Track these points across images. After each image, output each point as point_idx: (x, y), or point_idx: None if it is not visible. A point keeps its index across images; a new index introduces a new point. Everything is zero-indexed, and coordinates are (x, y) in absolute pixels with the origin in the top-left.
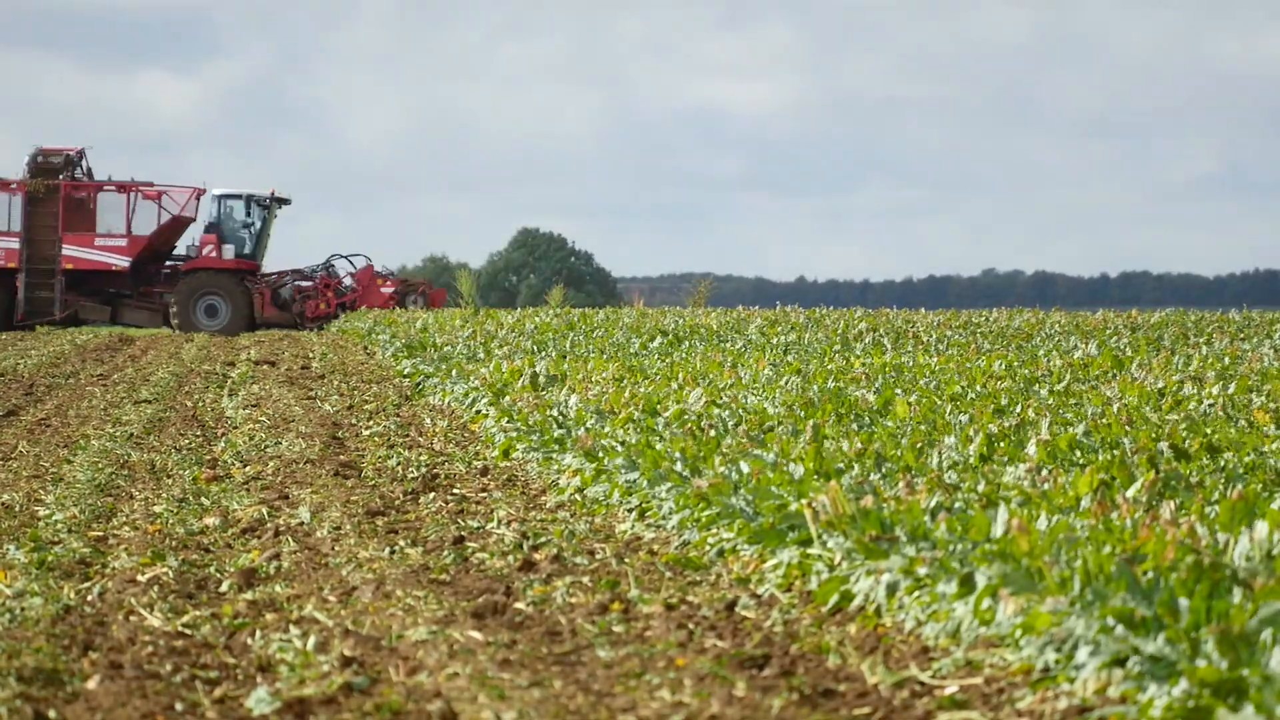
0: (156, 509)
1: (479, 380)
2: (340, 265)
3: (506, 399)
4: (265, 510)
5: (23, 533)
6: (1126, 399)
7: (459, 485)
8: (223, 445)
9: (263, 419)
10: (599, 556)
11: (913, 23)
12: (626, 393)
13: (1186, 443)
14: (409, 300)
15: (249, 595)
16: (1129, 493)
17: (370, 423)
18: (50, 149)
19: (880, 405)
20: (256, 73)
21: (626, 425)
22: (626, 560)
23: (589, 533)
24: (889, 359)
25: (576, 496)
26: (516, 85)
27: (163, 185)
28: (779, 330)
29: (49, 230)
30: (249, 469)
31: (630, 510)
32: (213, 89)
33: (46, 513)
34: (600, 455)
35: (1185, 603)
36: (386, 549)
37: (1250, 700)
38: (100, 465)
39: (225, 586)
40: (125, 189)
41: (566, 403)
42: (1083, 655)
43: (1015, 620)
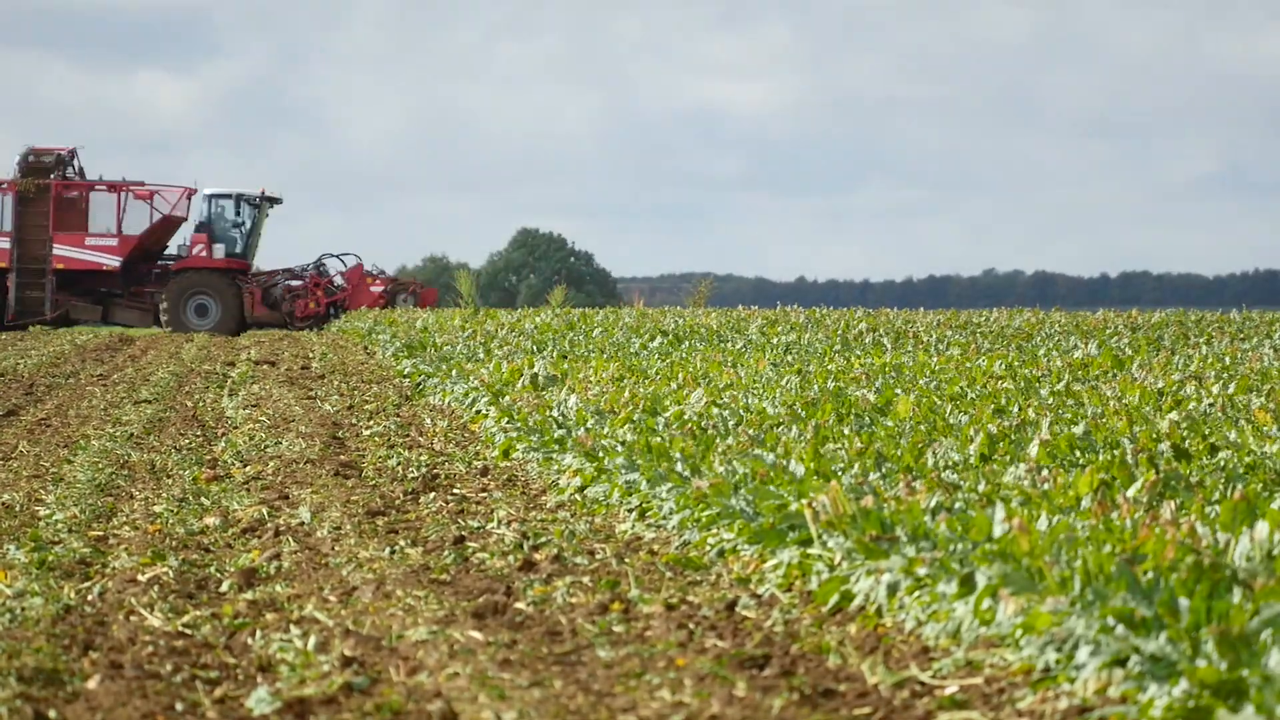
0: (157, 509)
1: (479, 380)
2: (331, 264)
3: (506, 399)
4: (265, 510)
5: (23, 533)
6: (1127, 399)
7: (459, 485)
8: (223, 445)
9: (263, 419)
10: (599, 556)
11: (912, 23)
12: (626, 393)
13: (1186, 443)
14: (399, 300)
15: (249, 595)
16: (1129, 493)
17: (370, 423)
18: (41, 149)
19: (880, 405)
20: (256, 73)
21: (626, 425)
22: (627, 560)
23: (589, 533)
24: (889, 359)
25: (577, 496)
26: (516, 85)
27: (154, 185)
28: (779, 330)
29: (40, 230)
30: (249, 469)
31: (630, 510)
32: (212, 89)
33: (47, 513)
34: (600, 455)
35: (1185, 603)
36: (387, 549)
37: (1250, 700)
38: (100, 465)
39: (225, 586)
40: (116, 189)
41: (566, 403)
42: (1083, 655)
43: (1015, 620)
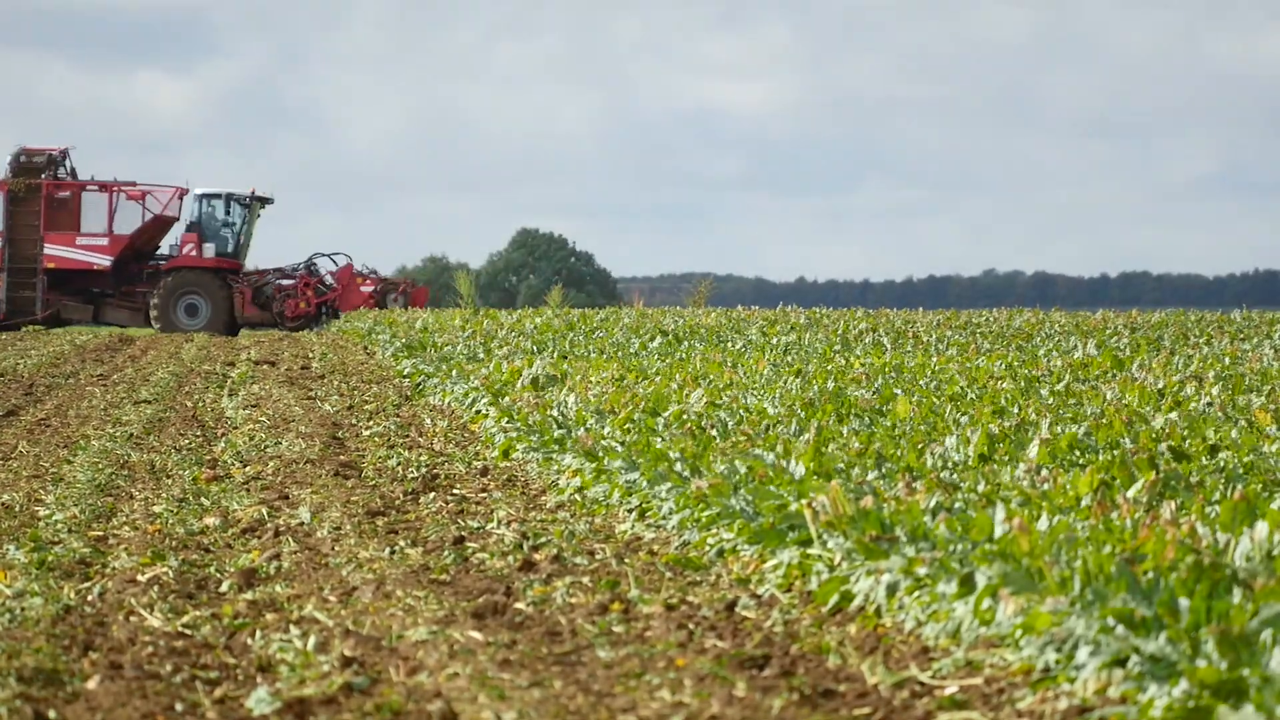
0: (156, 509)
1: (479, 380)
2: (322, 264)
3: (506, 399)
4: (265, 510)
5: (23, 533)
6: (1127, 399)
7: (459, 485)
8: (223, 445)
9: (263, 419)
10: (599, 557)
11: (912, 23)
12: (626, 393)
13: (1186, 443)
14: (389, 299)
15: (249, 595)
16: (1129, 493)
17: (370, 423)
18: (33, 148)
19: (880, 405)
20: (255, 73)
21: (626, 425)
22: (626, 560)
23: (589, 533)
24: (889, 359)
25: (576, 497)
26: (516, 85)
27: (146, 185)
28: (779, 330)
29: (31, 230)
30: (249, 469)
31: (630, 510)
32: (211, 89)
33: (46, 513)
34: (600, 455)
35: (1185, 603)
36: (386, 549)
37: (1250, 700)
38: (100, 465)
39: (225, 586)
40: (107, 188)
41: (566, 403)
42: (1083, 655)
43: (1015, 620)
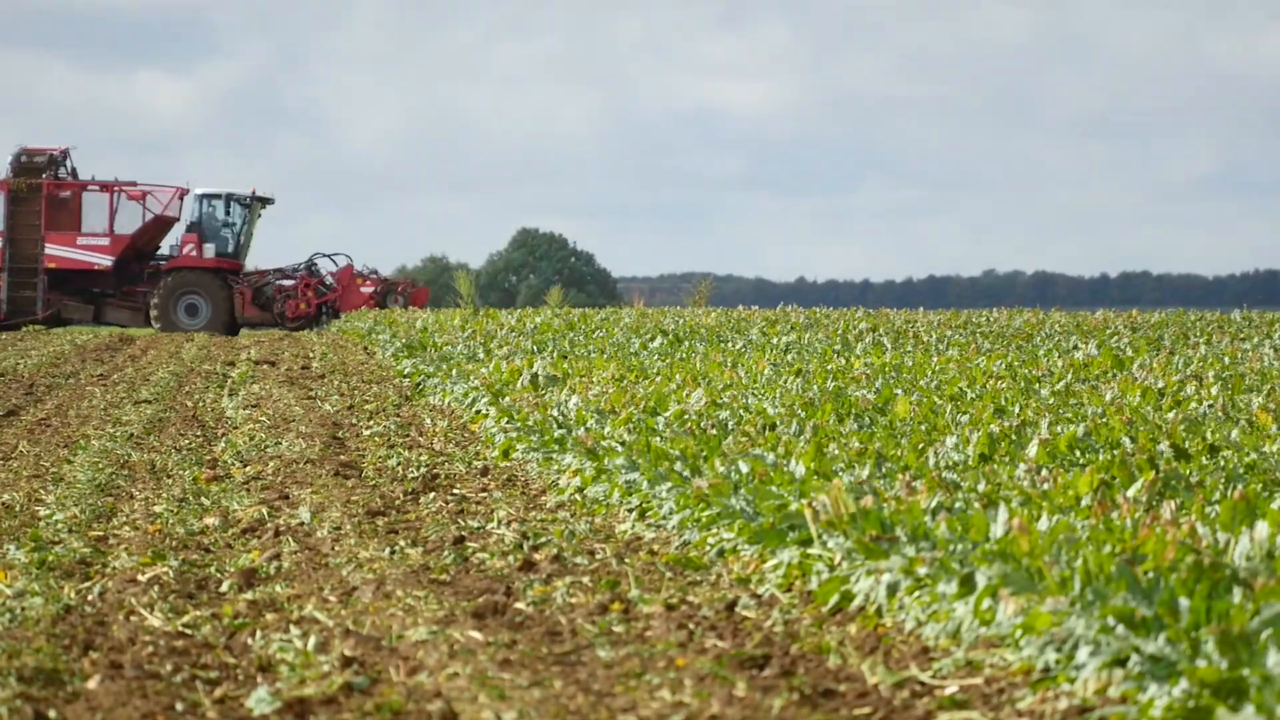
0: (157, 509)
1: (479, 380)
2: (323, 264)
3: (506, 399)
4: (265, 510)
5: (23, 533)
6: (1127, 399)
7: (459, 485)
8: (223, 445)
9: (263, 419)
10: (599, 556)
11: (912, 23)
12: (626, 393)
13: (1186, 443)
14: (389, 300)
15: (249, 595)
16: (1129, 493)
17: (370, 423)
18: (34, 148)
19: (880, 405)
20: (255, 73)
21: (626, 425)
22: (627, 560)
23: (589, 533)
24: (889, 359)
25: (576, 496)
26: (516, 85)
27: (146, 185)
28: (779, 330)
29: (32, 229)
30: (249, 469)
31: (630, 510)
32: (211, 89)
33: (47, 513)
34: (600, 455)
35: (1185, 603)
36: (387, 549)
37: (1250, 700)
38: (100, 465)
39: (225, 586)
40: (108, 188)
41: (566, 403)
42: (1083, 655)
43: (1015, 620)
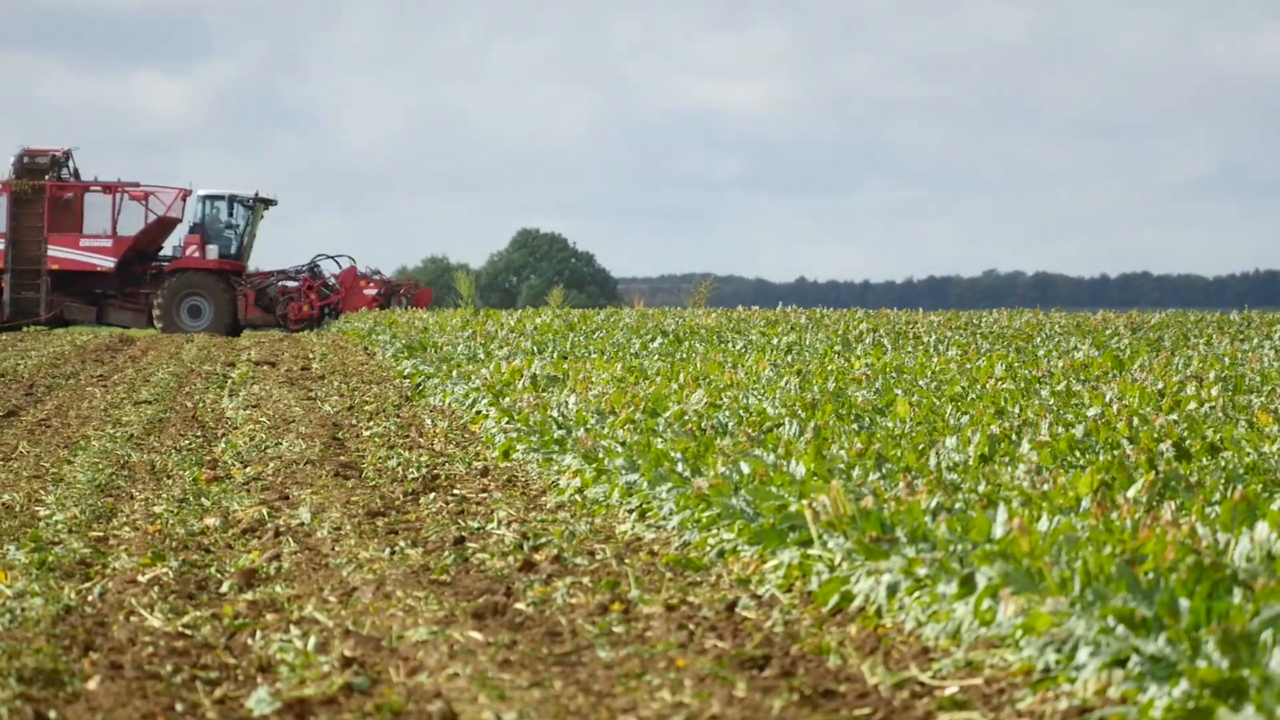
0: (157, 509)
1: (479, 381)
2: (326, 266)
3: (507, 400)
4: (265, 511)
5: (23, 533)
6: (1127, 400)
7: (459, 486)
8: (223, 446)
9: (263, 419)
10: (599, 557)
11: (912, 23)
12: (627, 393)
13: (1186, 443)
14: (394, 302)
15: (249, 596)
16: (1129, 493)
17: (370, 423)
18: (36, 149)
19: (881, 406)
20: (253, 73)
21: (627, 426)
22: (627, 561)
23: (589, 533)
24: (889, 359)
25: (577, 497)
26: (515, 85)
27: (149, 186)
28: (779, 331)
29: (34, 231)
30: (249, 469)
31: (630, 511)
32: (209, 89)
33: (47, 513)
34: (600, 456)
35: (1186, 603)
36: (387, 549)
37: (1250, 701)
38: (100, 466)
39: (225, 587)
40: (111, 190)
41: (567, 403)
42: (1083, 656)
43: (1016, 621)
